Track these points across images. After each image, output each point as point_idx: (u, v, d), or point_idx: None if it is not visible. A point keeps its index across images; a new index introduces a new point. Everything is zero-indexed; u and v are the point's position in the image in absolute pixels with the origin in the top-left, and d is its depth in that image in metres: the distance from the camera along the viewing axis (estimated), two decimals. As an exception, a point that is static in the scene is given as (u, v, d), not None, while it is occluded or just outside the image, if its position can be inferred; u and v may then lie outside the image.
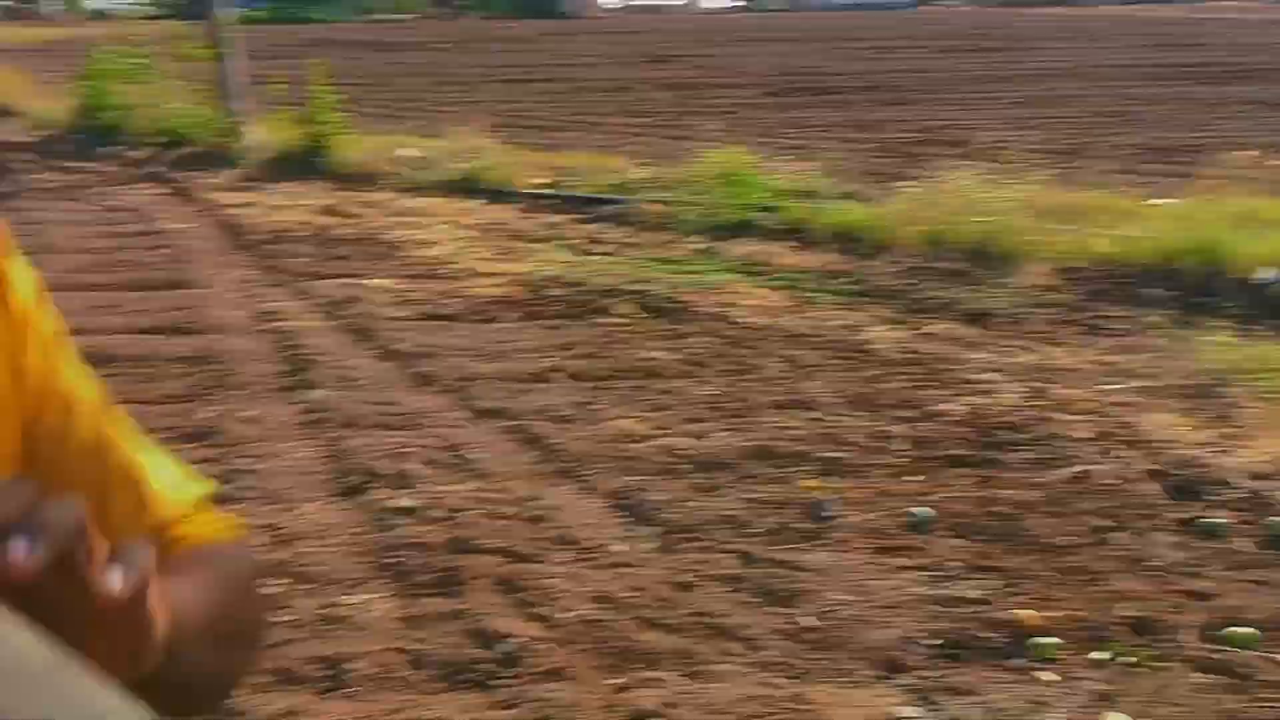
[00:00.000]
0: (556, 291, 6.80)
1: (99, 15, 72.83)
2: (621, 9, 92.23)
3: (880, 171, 10.02)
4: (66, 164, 12.33)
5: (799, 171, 9.57)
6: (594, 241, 8.34)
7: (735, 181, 8.86)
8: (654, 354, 5.62)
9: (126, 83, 13.86)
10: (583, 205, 9.50)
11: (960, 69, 21.97)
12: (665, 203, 9.03)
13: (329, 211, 9.33)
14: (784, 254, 7.64)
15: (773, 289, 6.90)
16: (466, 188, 10.17)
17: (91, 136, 13.47)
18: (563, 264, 7.53)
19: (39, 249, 8.05)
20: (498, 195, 9.92)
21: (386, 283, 6.99)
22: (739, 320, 6.22)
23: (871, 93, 18.84)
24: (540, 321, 6.25)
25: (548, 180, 10.30)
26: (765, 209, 8.55)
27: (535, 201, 9.67)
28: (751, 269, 7.38)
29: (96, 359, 3.17)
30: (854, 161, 10.45)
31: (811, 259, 7.54)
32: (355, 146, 11.35)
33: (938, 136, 12.98)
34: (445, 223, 8.96)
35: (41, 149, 13.43)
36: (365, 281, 7.02)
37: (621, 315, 6.30)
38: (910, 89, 19.06)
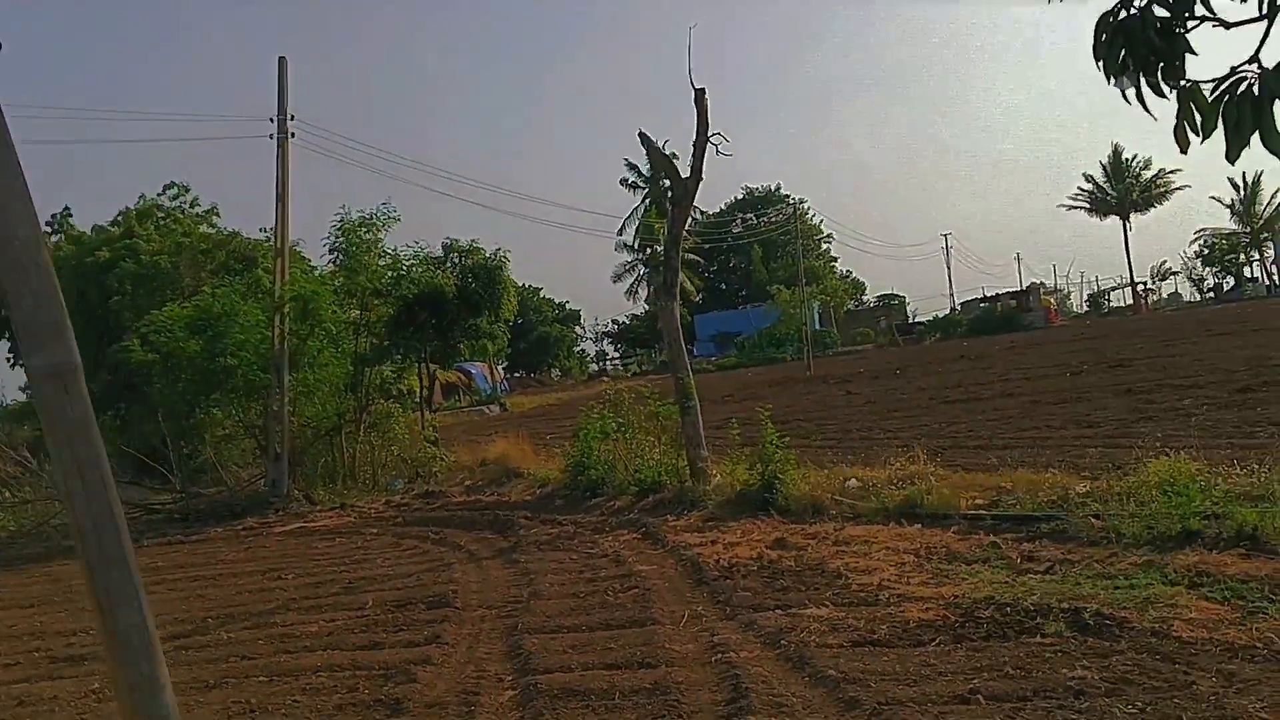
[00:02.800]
0: (987, 613, 6.95)
1: (596, 376, 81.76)
2: (1087, 313, 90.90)
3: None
4: (558, 518, 14.05)
5: (1251, 474, 9.21)
6: (1030, 560, 8.41)
7: (1179, 490, 8.68)
8: (1080, 673, 5.63)
9: (606, 440, 15.71)
10: (1020, 524, 9.59)
11: None
12: (1105, 516, 8.97)
13: (777, 545, 10.04)
14: (1231, 563, 7.36)
15: (1215, 601, 6.67)
16: (906, 513, 10.58)
17: (579, 491, 15.29)
18: (996, 584, 7.68)
19: (531, 597, 9.32)
20: (936, 519, 10.23)
21: (822, 612, 7.46)
22: (1174, 635, 6.09)
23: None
24: (967, 643, 6.42)
25: (986, 501, 10.50)
26: (1212, 516, 8.29)
27: (973, 523, 9.88)
28: (1194, 580, 7.16)
29: (566, 694, 4.19)
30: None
31: (1261, 567, 7.21)
32: (803, 481, 12.14)
33: None
34: (884, 549, 9.37)
35: (537, 505, 15.38)
36: (803, 611, 7.53)
37: (1050, 634, 6.35)
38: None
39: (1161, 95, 3.39)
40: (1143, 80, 3.38)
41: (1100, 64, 3.47)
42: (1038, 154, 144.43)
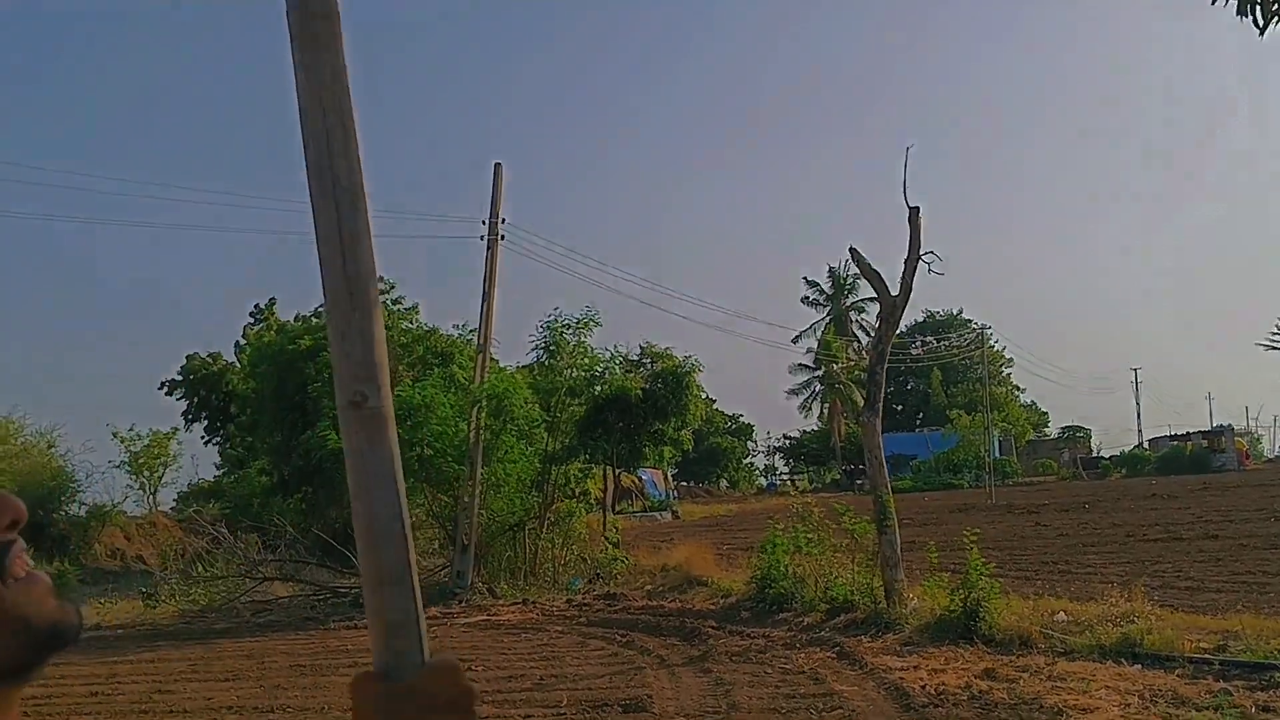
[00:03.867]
0: (1231, 764, 6.54)
1: (765, 490, 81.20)
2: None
3: None
4: (745, 629, 13.86)
5: None
6: (1266, 710, 7.92)
7: None
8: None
9: (797, 553, 15.49)
10: (1252, 671, 9.03)
11: None
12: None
13: (986, 675, 9.67)
14: None
15: None
16: (1124, 651, 10.08)
17: (765, 604, 15.07)
18: (1235, 735, 7.22)
19: (727, 708, 9.18)
20: (1158, 660, 9.72)
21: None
22: None
23: None
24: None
25: (1212, 645, 9.93)
26: None
27: (1199, 667, 9.35)
28: None
29: None
30: None
31: None
32: (1008, 611, 11.72)
33: None
34: (1104, 688, 8.93)
35: (723, 615, 15.21)
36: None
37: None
38: None
39: None
40: None
41: None
42: (1235, 295, 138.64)
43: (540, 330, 22.61)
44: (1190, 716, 7.93)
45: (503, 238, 21.44)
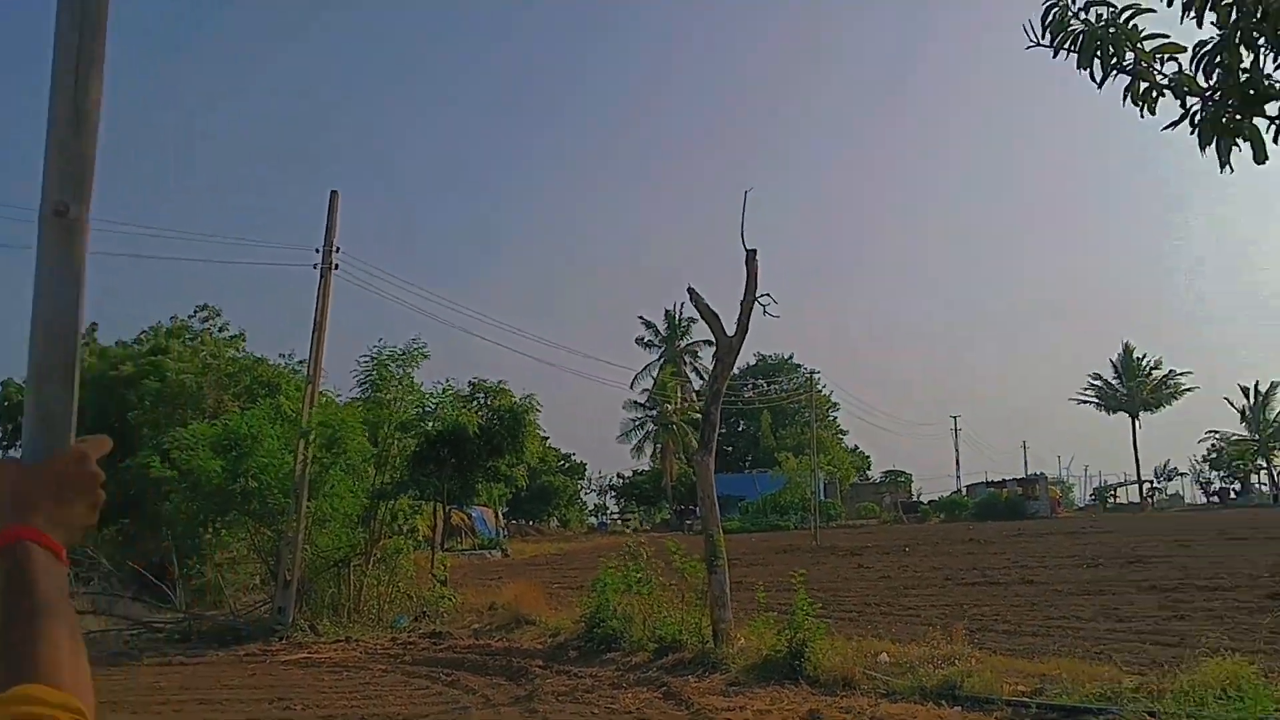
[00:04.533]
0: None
1: (595, 529, 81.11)
2: (1091, 507, 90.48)
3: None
4: (573, 669, 13.70)
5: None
6: (1081, 753, 8.13)
7: (1242, 693, 8.42)
8: None
9: (626, 592, 15.40)
10: (1068, 715, 9.32)
11: None
12: (1161, 715, 8.70)
13: (811, 716, 9.75)
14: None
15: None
16: (944, 694, 10.28)
17: (594, 643, 14.93)
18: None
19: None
20: (977, 703, 9.94)
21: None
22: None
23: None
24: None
25: (1030, 688, 10.21)
26: (1275, 721, 8.04)
27: (1017, 710, 9.60)
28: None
29: None
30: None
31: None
32: (832, 651, 11.86)
33: None
34: (925, 730, 9.07)
35: (550, 655, 15.01)
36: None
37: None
38: None
39: None
40: None
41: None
42: (1049, 346, 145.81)
43: (364, 363, 22.08)
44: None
45: (336, 267, 20.92)
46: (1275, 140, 4.28)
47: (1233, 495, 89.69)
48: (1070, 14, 4.42)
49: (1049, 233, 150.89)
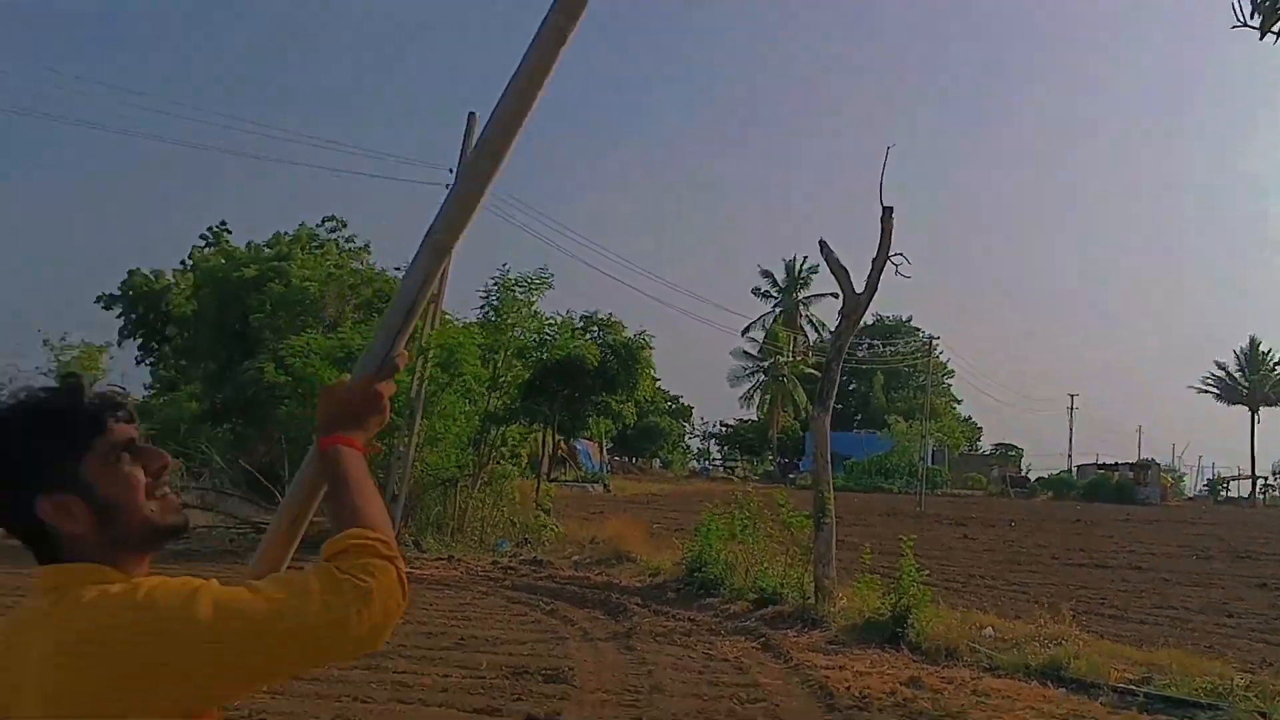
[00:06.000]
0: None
1: (696, 474, 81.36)
2: (1201, 498, 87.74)
3: None
4: (671, 610, 13.72)
5: None
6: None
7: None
8: None
9: (730, 540, 15.35)
10: (1175, 706, 9.01)
11: None
12: (1270, 716, 8.36)
13: (912, 683, 9.57)
14: None
15: None
16: (1049, 673, 10.03)
17: (693, 587, 14.93)
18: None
19: (650, 688, 9.03)
20: (1082, 686, 9.67)
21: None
22: None
23: None
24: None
25: (1137, 676, 9.90)
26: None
27: (1123, 697, 9.29)
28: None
29: None
30: None
31: None
32: (937, 620, 11.65)
33: None
34: (1028, 709, 8.85)
35: (648, 594, 15.06)
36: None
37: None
38: None
39: None
40: None
41: None
42: (1172, 332, 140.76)
43: (489, 286, 22.21)
44: (1112, 746, 7.86)
45: (467, 189, 21.00)
46: None
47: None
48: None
49: (1188, 213, 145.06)
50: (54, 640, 1.42)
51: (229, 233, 42.67)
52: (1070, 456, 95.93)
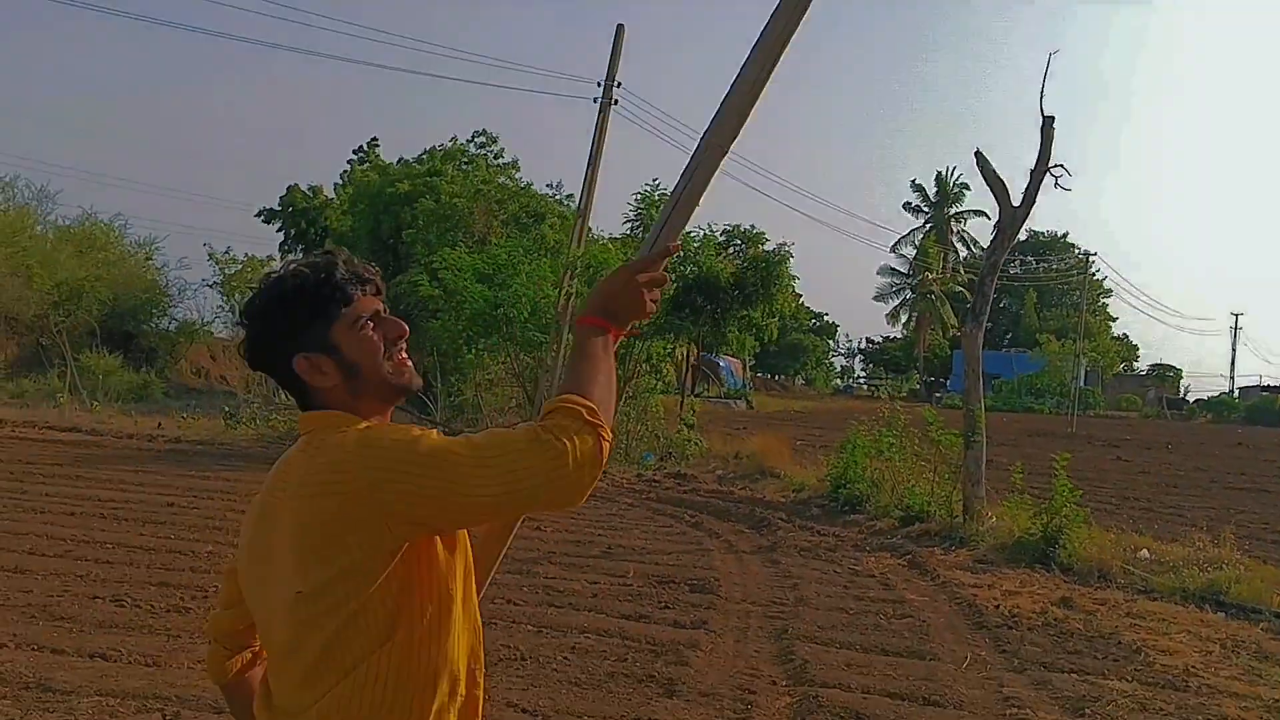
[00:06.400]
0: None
1: (840, 392, 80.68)
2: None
3: None
4: (815, 526, 13.70)
5: None
6: (1359, 680, 7.53)
7: None
8: None
9: (876, 457, 15.20)
10: (1342, 635, 8.65)
11: None
12: None
13: (1063, 603, 9.40)
14: None
15: None
16: (1208, 598, 9.73)
17: (839, 503, 14.87)
18: (1324, 699, 6.89)
19: (796, 601, 9.05)
20: (1243, 611, 9.36)
21: (1125, 687, 6.87)
22: None
23: None
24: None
25: (1303, 602, 9.53)
26: None
27: (1288, 624, 8.97)
28: None
29: (850, 715, 3.77)
30: None
31: None
32: (1089, 541, 11.38)
33: None
34: (1184, 632, 8.61)
35: (793, 509, 15.04)
36: (1102, 682, 6.96)
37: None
38: None
39: None
40: None
41: None
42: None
43: (636, 202, 22.16)
44: (1273, 672, 7.60)
45: (616, 102, 20.96)
46: None
47: None
48: None
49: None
50: (302, 472, 1.73)
51: (379, 149, 43.56)
52: (1232, 378, 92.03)
